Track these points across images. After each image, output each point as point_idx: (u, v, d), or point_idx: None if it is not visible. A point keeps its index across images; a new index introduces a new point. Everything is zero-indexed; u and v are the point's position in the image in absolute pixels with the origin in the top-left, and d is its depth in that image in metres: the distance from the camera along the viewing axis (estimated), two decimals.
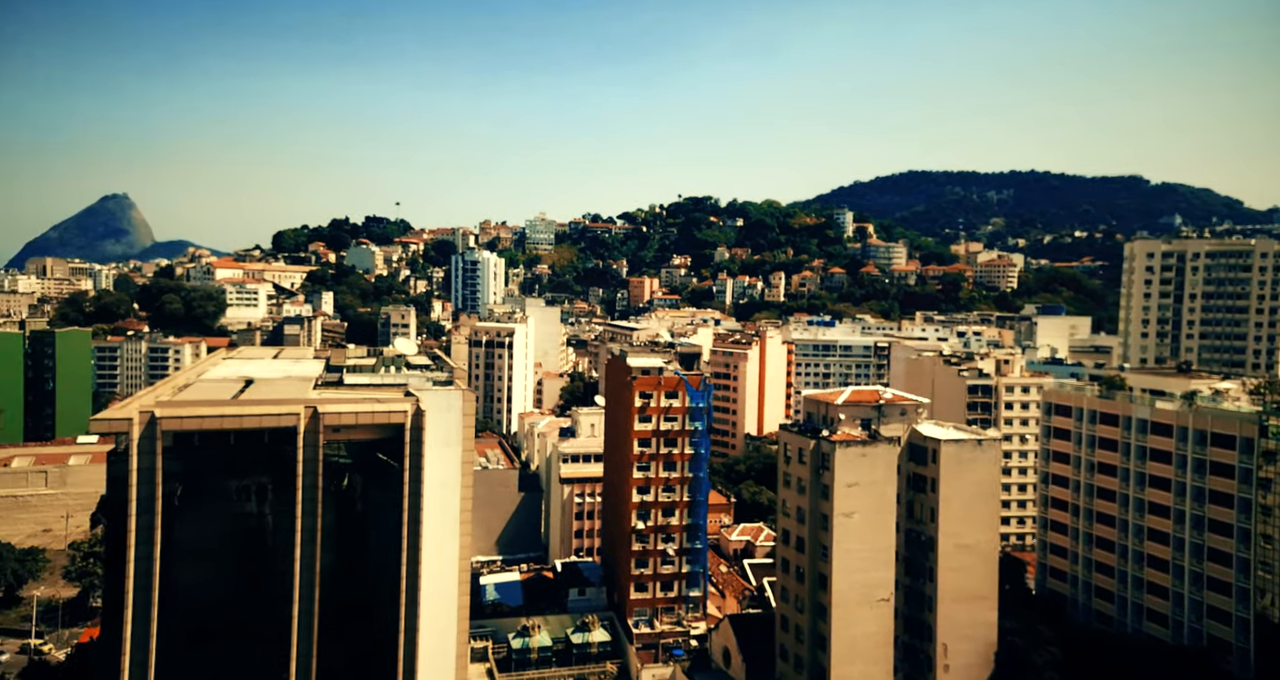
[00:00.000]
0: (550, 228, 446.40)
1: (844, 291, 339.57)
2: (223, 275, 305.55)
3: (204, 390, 54.94)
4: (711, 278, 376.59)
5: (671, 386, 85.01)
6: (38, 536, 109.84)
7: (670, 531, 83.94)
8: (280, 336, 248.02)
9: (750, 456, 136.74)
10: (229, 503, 52.27)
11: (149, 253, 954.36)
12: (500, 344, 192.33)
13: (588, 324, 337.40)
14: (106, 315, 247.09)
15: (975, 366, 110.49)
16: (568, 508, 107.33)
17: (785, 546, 67.76)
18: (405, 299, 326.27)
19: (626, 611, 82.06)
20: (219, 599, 52.90)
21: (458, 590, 56.38)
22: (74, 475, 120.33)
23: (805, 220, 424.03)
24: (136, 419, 45.29)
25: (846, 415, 65.92)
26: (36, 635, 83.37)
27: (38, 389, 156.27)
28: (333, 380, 61.07)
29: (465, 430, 57.68)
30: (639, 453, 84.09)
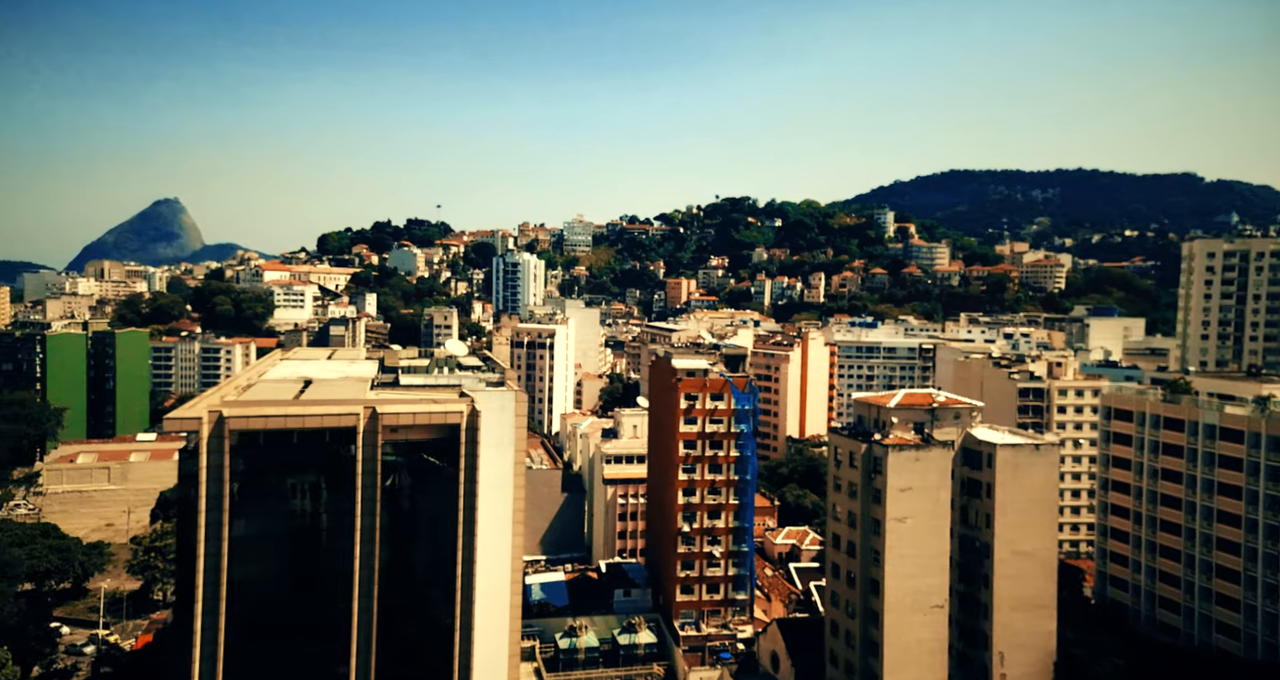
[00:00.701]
0: (588, 230, 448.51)
1: (885, 292, 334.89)
2: (270, 277, 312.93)
3: (266, 390, 56.37)
4: (749, 279, 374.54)
5: (717, 388, 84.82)
6: (101, 530, 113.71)
7: (716, 534, 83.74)
8: (326, 337, 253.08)
9: (793, 459, 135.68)
10: (283, 500, 53.51)
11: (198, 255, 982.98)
12: (542, 345, 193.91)
13: (625, 325, 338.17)
14: (161, 316, 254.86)
15: (1026, 369, 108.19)
16: (611, 508, 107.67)
17: (835, 551, 67.11)
18: (446, 300, 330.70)
19: (672, 613, 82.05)
20: (274, 595, 54.06)
21: (510, 590, 57.04)
22: (135, 471, 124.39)
23: (845, 220, 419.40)
24: (206, 418, 46.73)
25: (899, 418, 65.07)
26: (103, 626, 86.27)
27: (99, 388, 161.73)
28: (388, 381, 62.24)
29: (517, 431, 58.37)
30: (684, 455, 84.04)
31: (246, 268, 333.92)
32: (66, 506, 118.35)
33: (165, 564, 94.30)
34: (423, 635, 54.94)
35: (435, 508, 54.74)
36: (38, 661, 70.86)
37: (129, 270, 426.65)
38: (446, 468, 54.99)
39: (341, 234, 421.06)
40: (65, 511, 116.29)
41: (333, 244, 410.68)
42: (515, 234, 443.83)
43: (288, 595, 54.71)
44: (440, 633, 53.99)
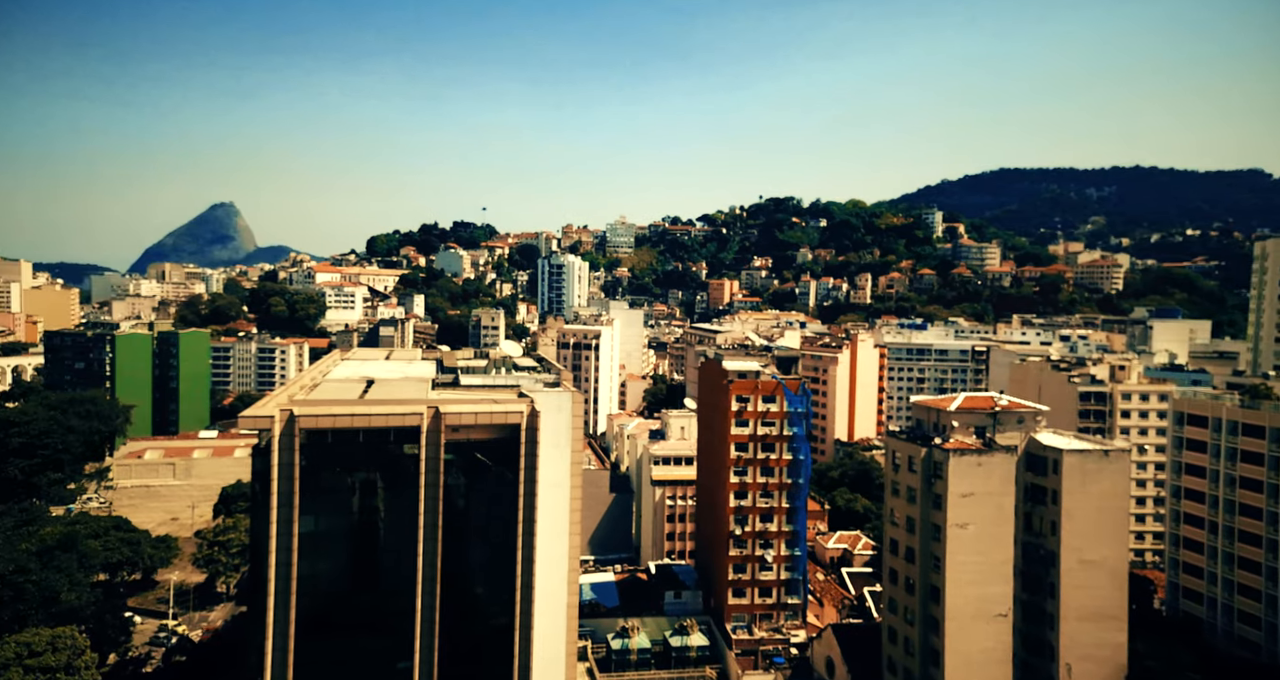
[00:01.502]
0: (630, 231, 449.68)
1: (934, 294, 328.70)
2: (322, 279, 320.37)
3: (332, 390, 57.71)
4: (794, 279, 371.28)
5: (769, 390, 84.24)
6: (167, 524, 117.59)
7: (768, 537, 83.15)
8: (376, 338, 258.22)
9: (843, 462, 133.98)
10: (344, 498, 54.64)
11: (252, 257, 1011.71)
12: (587, 346, 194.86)
13: (667, 326, 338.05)
14: (219, 317, 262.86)
15: (1087, 372, 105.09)
16: (659, 510, 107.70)
17: (893, 556, 66.06)
18: (491, 302, 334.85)
19: (724, 616, 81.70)
20: (336, 591, 55.17)
21: (566, 590, 57.39)
22: (198, 467, 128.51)
23: (892, 220, 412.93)
24: (278, 416, 48.02)
25: (959, 422, 63.78)
26: (171, 617, 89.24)
27: (163, 386, 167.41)
28: (447, 381, 63.16)
29: (574, 432, 58.67)
30: (736, 457, 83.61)
31: (299, 269, 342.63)
32: (135, 501, 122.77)
33: (228, 558, 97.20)
34: (481, 633, 55.64)
35: (487, 507, 55.40)
36: (114, 649, 73.62)
37: (188, 272, 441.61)
38: (497, 467, 55.63)
39: (390, 236, 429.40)
40: (134, 505, 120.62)
41: (381, 246, 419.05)
42: (559, 236, 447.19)
43: (348, 591, 55.77)
44: (498, 631, 54.60)
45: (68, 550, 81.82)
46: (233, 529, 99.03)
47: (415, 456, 51.39)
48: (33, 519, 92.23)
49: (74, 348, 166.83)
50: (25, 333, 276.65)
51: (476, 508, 56.13)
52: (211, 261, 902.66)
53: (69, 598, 73.19)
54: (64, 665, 64.15)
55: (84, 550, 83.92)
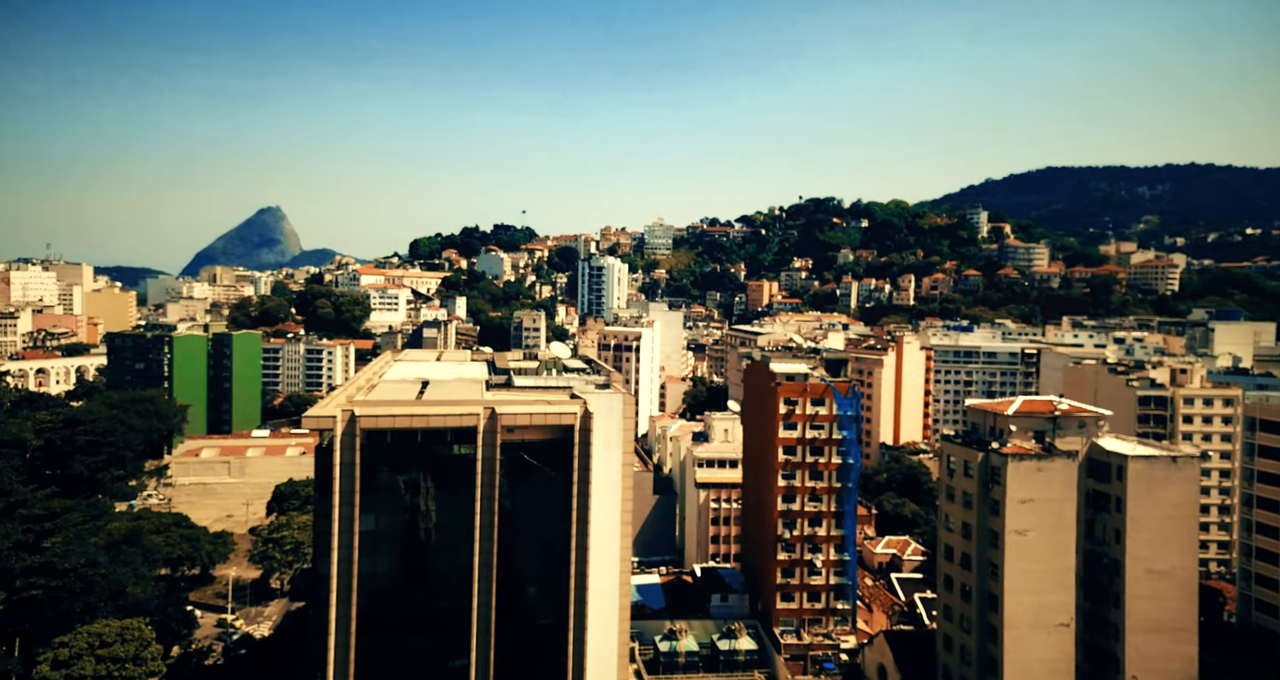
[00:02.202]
0: (668, 233, 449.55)
1: (979, 295, 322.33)
2: (367, 281, 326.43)
3: (389, 390, 58.71)
4: (835, 281, 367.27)
5: (818, 393, 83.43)
6: (222, 521, 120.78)
7: (817, 542, 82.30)
8: (419, 339, 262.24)
9: (890, 466, 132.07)
10: (398, 497, 55.50)
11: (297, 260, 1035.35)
12: (628, 348, 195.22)
13: (705, 328, 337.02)
14: (268, 319, 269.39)
15: (1146, 376, 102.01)
16: (704, 513, 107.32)
17: (948, 562, 64.89)
18: (531, 303, 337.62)
19: (772, 621, 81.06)
20: (389, 588, 55.99)
21: (619, 591, 57.50)
22: (251, 466, 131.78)
23: (935, 220, 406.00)
24: (339, 417, 49.03)
25: (1017, 426, 62.45)
26: (230, 612, 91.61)
27: (217, 386, 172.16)
28: (500, 382, 63.79)
29: (626, 433, 58.78)
30: (784, 461, 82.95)
31: (344, 272, 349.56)
32: (192, 498, 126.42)
33: (282, 554, 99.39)
34: (533, 633, 56.05)
35: (538, 507, 55.81)
36: (177, 642, 75.88)
37: (238, 275, 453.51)
38: (545, 468, 56.08)
39: (432, 239, 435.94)
40: (191, 502, 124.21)
41: (424, 249, 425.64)
42: (597, 238, 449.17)
43: (402, 589, 56.59)
44: (550, 631, 54.98)
45: (133, 545, 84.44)
46: (286, 527, 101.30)
47: (466, 456, 52.02)
48: (99, 514, 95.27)
49: (134, 349, 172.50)
50: (87, 334, 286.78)
51: (527, 508, 56.60)
52: (259, 264, 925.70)
53: (135, 591, 75.54)
54: (132, 656, 66.32)
55: (148, 545, 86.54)
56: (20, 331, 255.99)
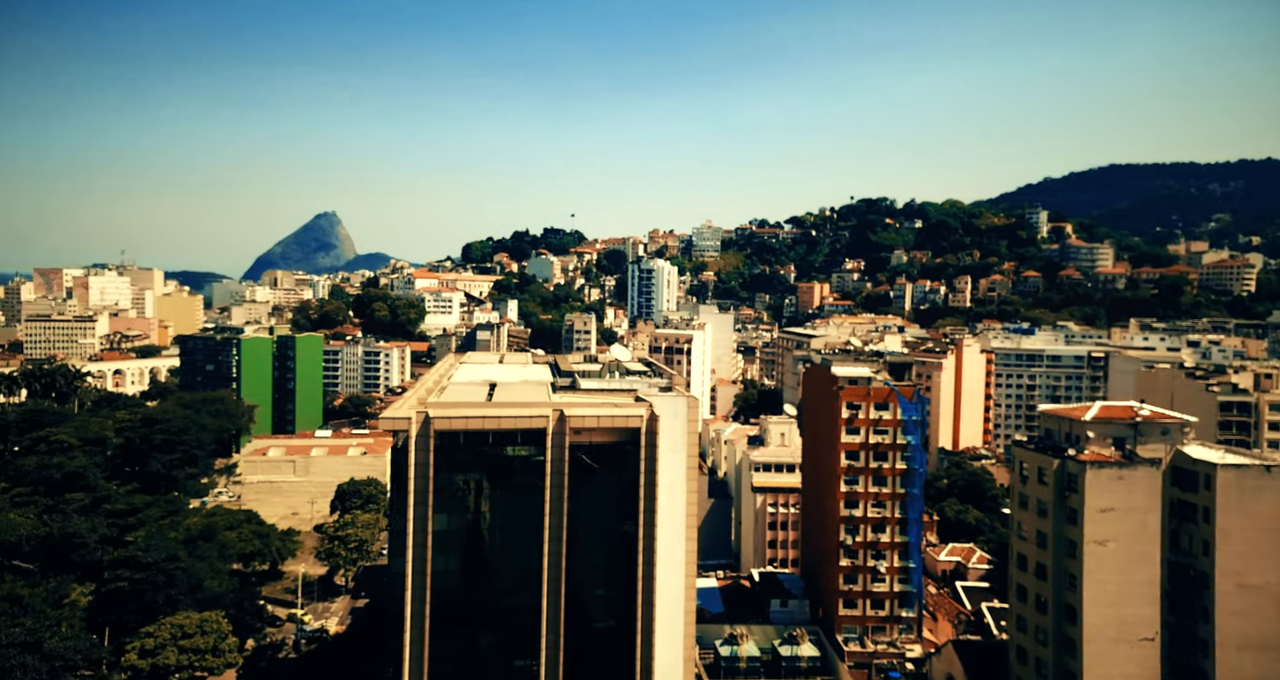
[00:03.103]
0: (716, 235, 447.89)
1: (1039, 297, 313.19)
2: (421, 285, 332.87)
3: (459, 392, 59.75)
4: (888, 282, 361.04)
5: (882, 397, 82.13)
6: (289, 518, 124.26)
7: (880, 548, 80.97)
8: (473, 342, 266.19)
9: (949, 472, 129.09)
10: (465, 497, 56.36)
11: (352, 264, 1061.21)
12: (679, 350, 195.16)
13: (755, 330, 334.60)
14: (328, 322, 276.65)
15: (1228, 381, 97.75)
16: (760, 517, 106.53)
17: (1021, 572, 63.14)
18: (581, 306, 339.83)
19: (835, 627, 80.00)
20: (457, 587, 56.85)
21: (684, 595, 57.42)
22: (315, 465, 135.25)
23: (992, 220, 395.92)
24: (414, 418, 50.09)
25: (1095, 433, 60.47)
26: (299, 607, 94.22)
27: (281, 387, 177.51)
28: (565, 385, 64.38)
29: (690, 436, 58.72)
30: (846, 466, 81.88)
31: (399, 276, 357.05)
32: (260, 495, 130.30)
33: (347, 552, 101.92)
34: (600, 635, 56.32)
35: (603, 509, 56.11)
36: (251, 635, 78.36)
37: (297, 279, 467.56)
38: (609, 470, 56.35)
39: (483, 243, 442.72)
40: (259, 500, 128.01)
41: (475, 252, 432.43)
42: (645, 241, 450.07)
43: (468, 589, 57.44)
44: (617, 633, 55.16)
45: (208, 540, 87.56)
46: (350, 525, 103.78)
47: (534, 458, 52.65)
48: (176, 510, 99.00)
49: (204, 351, 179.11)
50: (158, 336, 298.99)
51: (591, 510, 56.97)
52: (316, 268, 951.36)
53: (212, 585, 78.24)
54: (211, 648, 68.72)
55: (222, 541, 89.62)
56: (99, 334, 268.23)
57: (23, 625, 57.30)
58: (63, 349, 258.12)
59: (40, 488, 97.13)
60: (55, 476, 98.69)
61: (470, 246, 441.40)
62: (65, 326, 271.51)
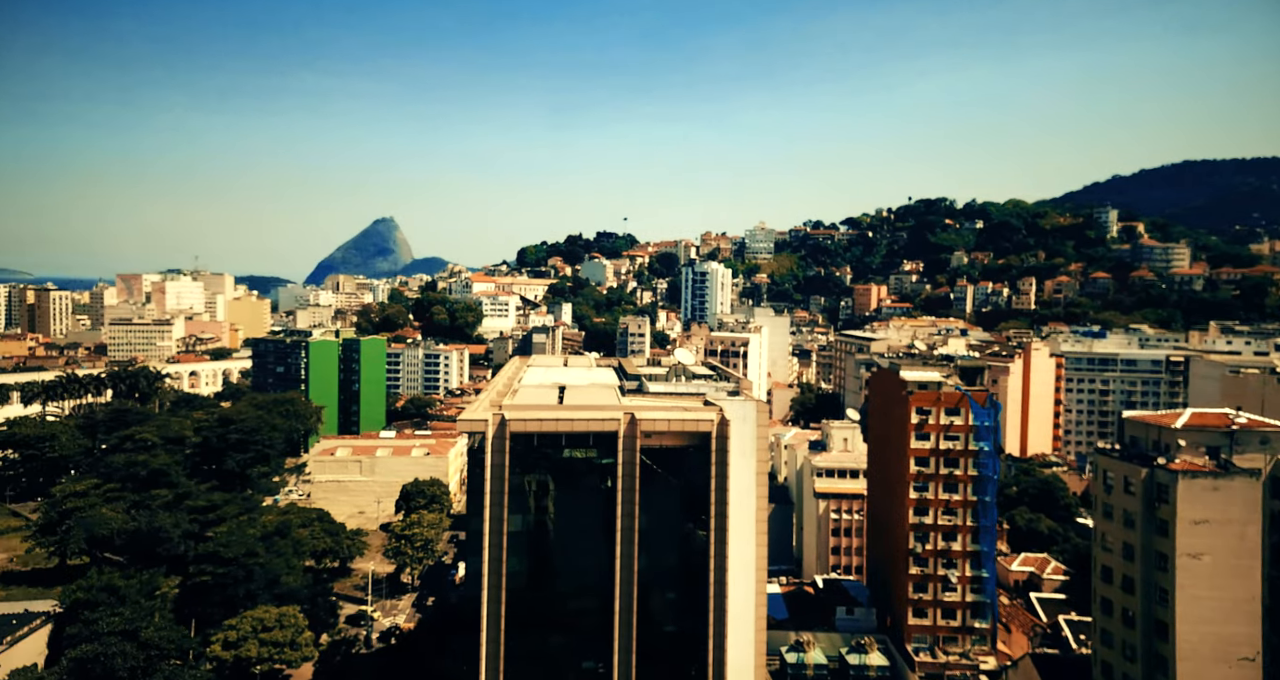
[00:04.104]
0: (770, 237, 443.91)
1: (1109, 298, 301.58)
2: (478, 289, 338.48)
3: (530, 395, 60.38)
4: (948, 284, 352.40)
5: (952, 402, 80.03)
6: (355, 517, 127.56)
7: (951, 557, 78.84)
8: (529, 345, 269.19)
9: (1019, 479, 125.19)
10: (536, 499, 56.85)
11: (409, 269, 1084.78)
12: (735, 353, 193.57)
13: (810, 333, 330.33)
14: (389, 325, 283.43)
15: None
16: (823, 523, 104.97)
17: (1106, 585, 60.71)
18: (633, 309, 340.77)
19: (904, 637, 78.21)
20: (526, 587, 57.32)
21: (754, 600, 56.92)
22: (380, 466, 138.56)
23: (1058, 220, 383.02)
24: (491, 420, 50.83)
25: (1187, 441, 57.78)
26: (369, 604, 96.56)
27: (346, 388, 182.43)
28: (633, 388, 64.52)
29: (760, 441, 58.24)
30: (915, 472, 79.97)
31: (457, 280, 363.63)
32: (328, 494, 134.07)
33: (413, 551, 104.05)
34: (670, 638, 56.21)
35: (667, 513, 56.01)
36: (325, 630, 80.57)
37: (358, 283, 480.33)
38: (672, 474, 56.20)
39: (538, 247, 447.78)
40: (327, 499, 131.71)
41: (530, 256, 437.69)
42: (697, 243, 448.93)
43: (538, 589, 57.98)
44: (689, 637, 54.98)
45: (283, 537, 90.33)
46: (416, 524, 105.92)
47: (593, 460, 52.95)
48: (252, 508, 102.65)
49: (275, 353, 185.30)
50: (229, 339, 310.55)
51: (661, 513, 56.92)
52: (374, 272, 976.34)
53: (288, 581, 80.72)
54: (289, 641, 70.85)
55: (296, 538, 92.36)
56: (175, 337, 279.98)
57: (121, 615, 60.05)
58: (142, 351, 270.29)
59: (128, 484, 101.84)
60: (141, 473, 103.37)
61: (525, 250, 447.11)
62: (145, 330, 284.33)
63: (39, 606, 70.86)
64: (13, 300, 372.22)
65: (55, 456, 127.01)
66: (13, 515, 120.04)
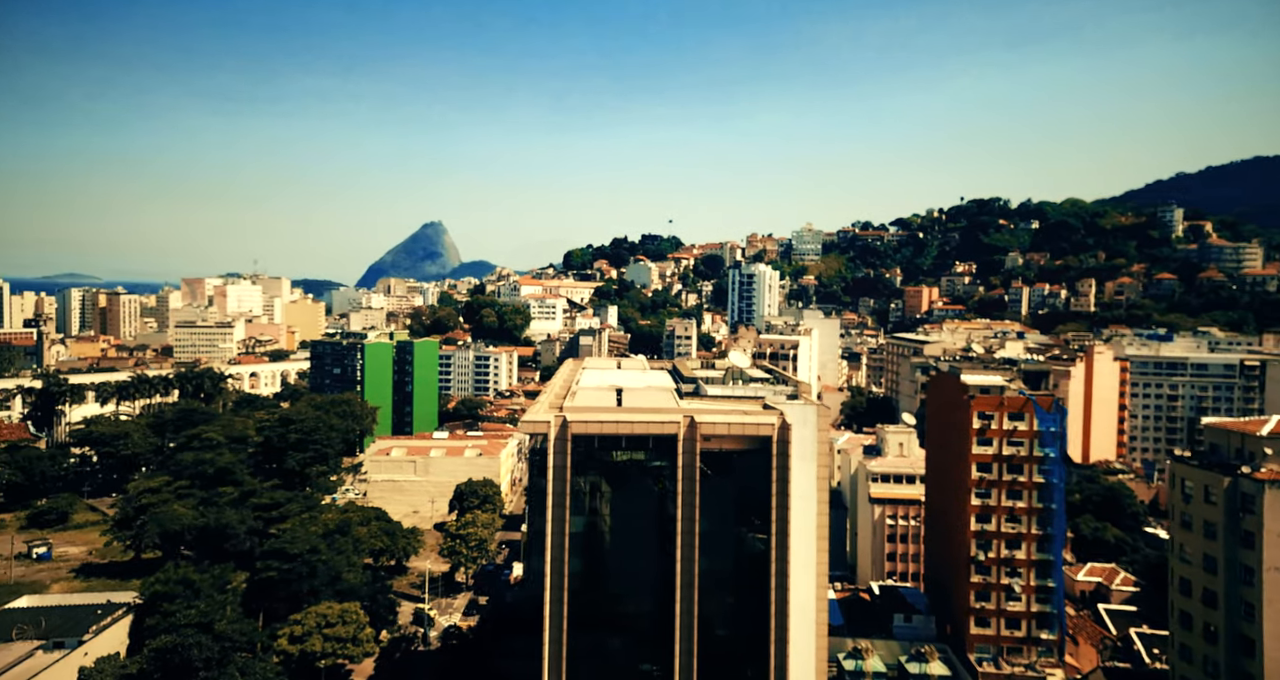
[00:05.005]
0: (817, 238, 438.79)
1: (1175, 300, 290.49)
2: (526, 292, 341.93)
3: (588, 397, 60.65)
4: (1002, 286, 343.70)
5: (1016, 407, 78.13)
6: (410, 517, 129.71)
7: (1015, 565, 76.83)
8: (575, 347, 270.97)
9: (1081, 486, 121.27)
10: (594, 500, 56.91)
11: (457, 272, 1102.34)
12: (784, 356, 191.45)
13: (859, 336, 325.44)
14: (439, 327, 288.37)
15: None
16: (879, 529, 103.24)
17: (1185, 598, 58.40)
18: (678, 312, 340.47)
19: (966, 646, 76.44)
20: (586, 588, 57.43)
21: (816, 605, 56.15)
22: (434, 466, 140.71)
23: (1119, 219, 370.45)
24: (553, 421, 51.22)
25: (1274, 449, 55.29)
26: (425, 602, 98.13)
27: (400, 390, 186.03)
28: (690, 391, 64.32)
29: (821, 445, 57.41)
30: (977, 478, 78.23)
31: (505, 283, 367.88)
32: (383, 494, 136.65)
33: (468, 551, 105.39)
34: (731, 642, 55.81)
35: (724, 516, 55.59)
36: (385, 627, 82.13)
37: (408, 286, 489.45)
38: (731, 478, 55.74)
39: (584, 250, 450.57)
40: (383, 498, 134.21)
41: (576, 260, 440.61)
42: (743, 245, 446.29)
43: (597, 590, 58.08)
44: (750, 641, 54.50)
45: (344, 535, 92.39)
46: (471, 524, 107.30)
47: (647, 463, 52.90)
48: (312, 506, 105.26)
49: (332, 355, 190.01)
50: (286, 341, 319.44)
51: (720, 517, 56.55)
52: (423, 276, 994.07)
53: (349, 578, 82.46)
54: (351, 637, 72.38)
55: (355, 536, 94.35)
56: (235, 339, 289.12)
57: (197, 608, 62.16)
58: (205, 353, 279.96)
59: (196, 481, 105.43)
60: (208, 471, 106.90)
61: (571, 254, 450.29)
62: (208, 332, 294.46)
63: (120, 598, 73.89)
64: (86, 304, 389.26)
65: (128, 454, 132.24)
66: (90, 510, 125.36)
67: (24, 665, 59.93)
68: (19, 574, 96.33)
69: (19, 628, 65.42)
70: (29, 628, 65.27)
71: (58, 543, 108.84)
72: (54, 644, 63.08)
